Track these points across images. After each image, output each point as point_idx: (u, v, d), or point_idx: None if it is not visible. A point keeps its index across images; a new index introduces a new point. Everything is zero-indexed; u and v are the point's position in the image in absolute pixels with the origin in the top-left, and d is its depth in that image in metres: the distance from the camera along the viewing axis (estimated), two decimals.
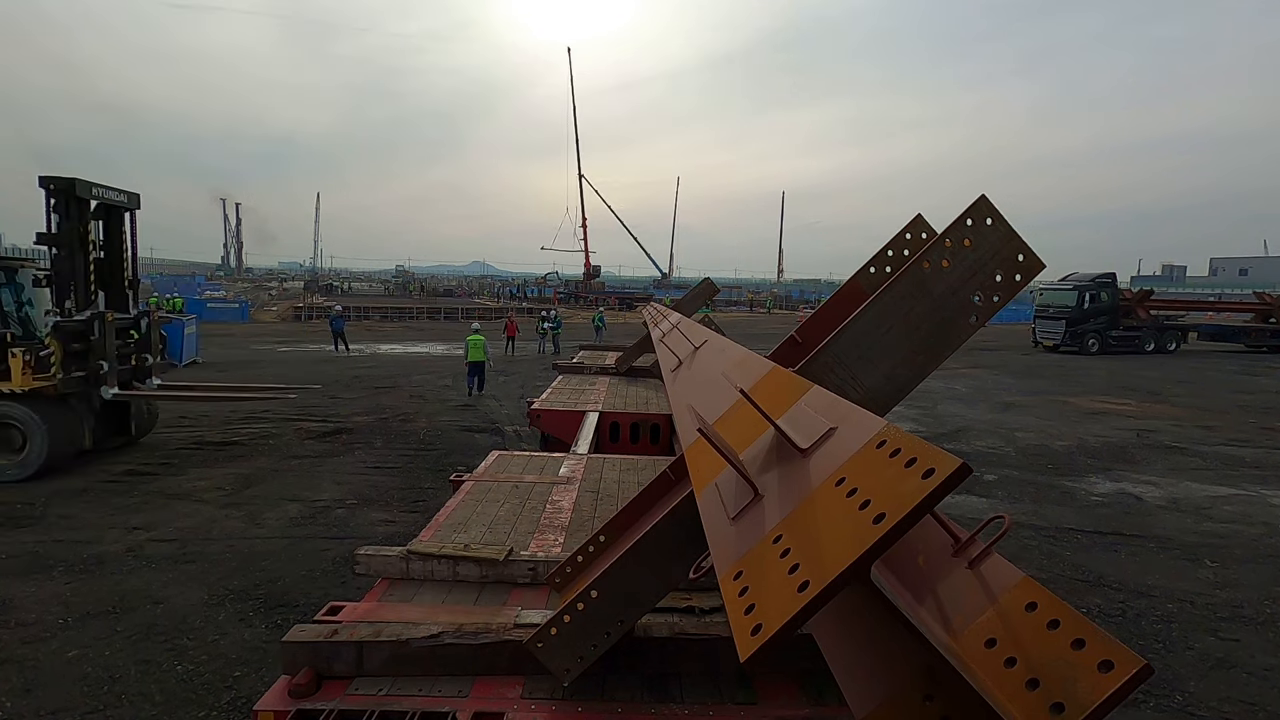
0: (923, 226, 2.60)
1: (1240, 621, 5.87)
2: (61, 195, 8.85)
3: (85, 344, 9.21)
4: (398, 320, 42.88)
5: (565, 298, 62.33)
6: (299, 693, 2.32)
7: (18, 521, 7.53)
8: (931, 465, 1.11)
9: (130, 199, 9.91)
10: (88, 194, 9.05)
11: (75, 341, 9.08)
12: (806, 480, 1.41)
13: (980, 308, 2.00)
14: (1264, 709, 4.68)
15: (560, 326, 27.69)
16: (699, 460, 2.03)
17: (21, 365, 8.73)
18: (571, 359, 11.73)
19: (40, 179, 8.83)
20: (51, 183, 8.81)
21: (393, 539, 6.49)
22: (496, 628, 2.55)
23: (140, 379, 10.33)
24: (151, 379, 10.52)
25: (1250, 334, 31.61)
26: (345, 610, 2.75)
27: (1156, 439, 12.87)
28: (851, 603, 1.71)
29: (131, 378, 10.15)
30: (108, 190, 9.41)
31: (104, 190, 9.34)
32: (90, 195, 9.11)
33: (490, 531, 3.61)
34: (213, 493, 8.58)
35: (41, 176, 8.82)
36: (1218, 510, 8.84)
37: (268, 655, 4.96)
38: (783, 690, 2.39)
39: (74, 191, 8.85)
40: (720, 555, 1.47)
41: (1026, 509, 8.69)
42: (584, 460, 5.23)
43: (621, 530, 2.92)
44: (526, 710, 2.28)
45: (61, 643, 5.12)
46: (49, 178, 8.82)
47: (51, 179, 8.82)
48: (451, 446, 11.25)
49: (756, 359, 2.63)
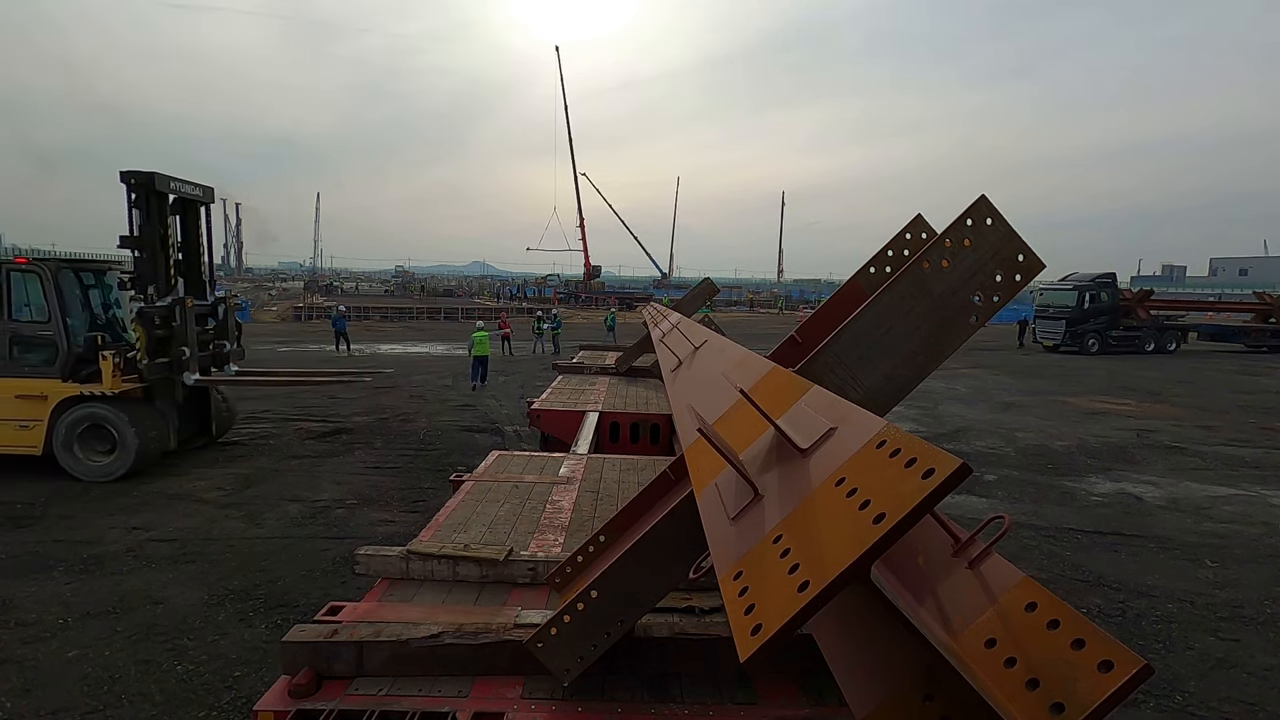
0: (923, 226, 2.60)
1: (1240, 621, 5.87)
2: (141, 189, 8.99)
3: (168, 330, 9.30)
4: (398, 320, 42.89)
5: (565, 298, 62.32)
6: (299, 693, 2.32)
7: (18, 521, 7.53)
8: (931, 465, 1.11)
9: (205, 193, 10.07)
10: (165, 188, 9.21)
11: (158, 328, 9.18)
12: (806, 480, 1.41)
13: (980, 308, 2.00)
14: (1264, 709, 4.68)
15: (560, 326, 27.67)
16: (699, 460, 2.03)
17: (111, 367, 8.83)
18: (571, 359, 11.73)
19: (121, 174, 8.97)
20: (132, 177, 8.95)
21: (393, 539, 6.49)
22: (496, 628, 2.55)
23: (219, 365, 10.41)
24: (229, 365, 10.60)
25: (1250, 334, 31.59)
26: (345, 610, 2.75)
27: (1156, 439, 12.87)
28: (851, 603, 1.71)
29: (210, 364, 10.23)
30: (184, 184, 9.57)
31: (180, 184, 9.50)
32: (168, 189, 9.26)
33: (490, 531, 3.61)
34: (213, 493, 8.58)
35: (122, 171, 8.97)
36: (1218, 510, 8.84)
37: (268, 655, 4.96)
38: (783, 690, 2.39)
39: (153, 186, 9.00)
40: (720, 555, 1.47)
41: (1026, 509, 8.69)
42: (584, 460, 5.23)
43: (621, 530, 2.92)
44: (526, 710, 2.28)
45: (61, 643, 5.12)
46: (129, 172, 8.96)
47: (132, 173, 8.96)
48: (451, 446, 11.25)
49: (756, 359, 2.63)
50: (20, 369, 9.01)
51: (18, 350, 9.02)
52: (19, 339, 9.04)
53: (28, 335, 9.04)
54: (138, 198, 9.01)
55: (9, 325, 9.00)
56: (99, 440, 8.92)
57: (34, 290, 9.06)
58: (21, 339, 9.04)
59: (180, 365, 9.43)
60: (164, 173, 9.21)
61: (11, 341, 9.01)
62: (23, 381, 8.97)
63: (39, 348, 9.03)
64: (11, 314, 9.02)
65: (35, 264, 9.10)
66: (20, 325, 9.04)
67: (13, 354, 9.01)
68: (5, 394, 8.96)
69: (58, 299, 8.96)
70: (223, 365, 10.50)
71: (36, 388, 8.94)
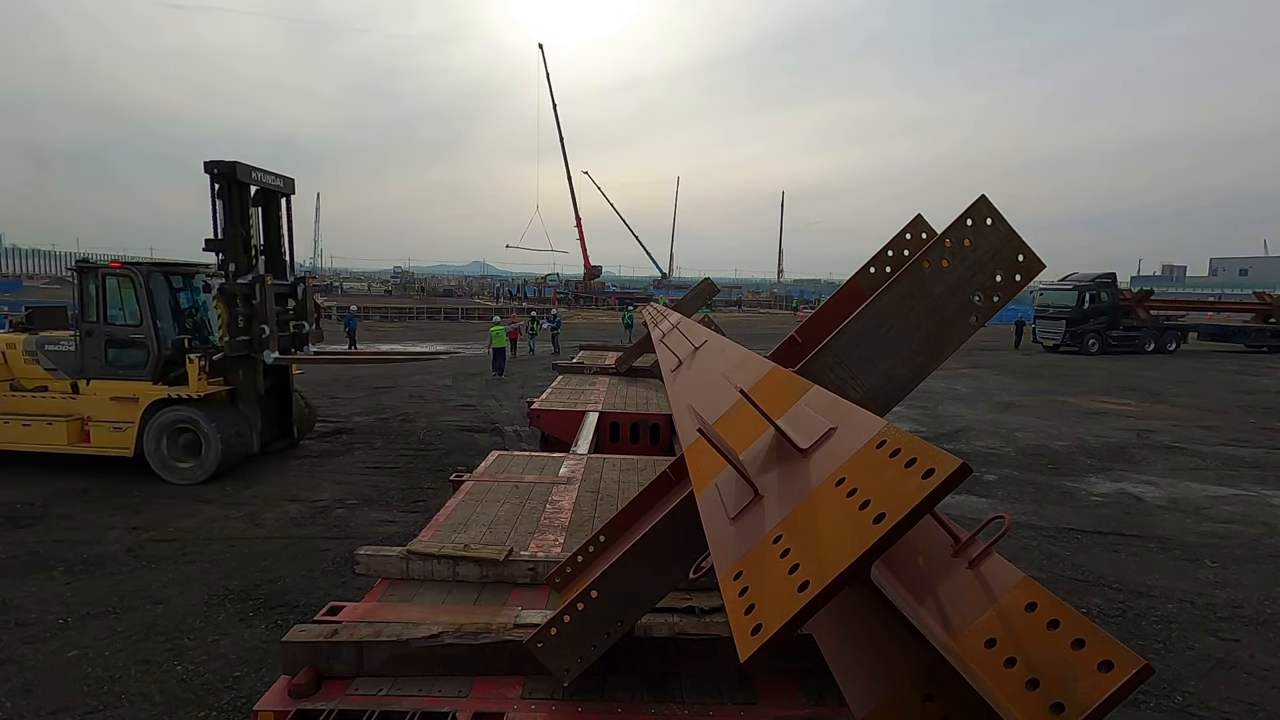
0: (923, 227, 2.60)
1: (1240, 621, 5.87)
2: (224, 179, 9.06)
3: (248, 308, 9.32)
4: (398, 320, 42.87)
5: (565, 298, 62.30)
6: (299, 693, 2.32)
7: (18, 521, 7.53)
8: (931, 465, 1.11)
9: (285, 184, 10.13)
10: (247, 178, 9.28)
11: (239, 306, 9.22)
12: (806, 480, 1.41)
13: (980, 308, 2.00)
14: (1264, 709, 4.68)
15: (560, 326, 27.64)
16: (699, 460, 2.03)
17: (198, 370, 8.91)
18: (571, 359, 11.73)
19: (205, 164, 9.04)
20: (215, 167, 9.03)
21: (393, 539, 6.49)
22: (496, 628, 2.55)
23: (298, 346, 10.44)
24: (308, 346, 10.63)
25: (1250, 334, 31.57)
26: (345, 610, 2.75)
27: (1156, 439, 12.87)
28: (851, 603, 1.71)
29: (290, 345, 10.26)
30: (265, 175, 9.64)
31: (262, 175, 9.56)
32: (249, 180, 9.34)
33: (490, 531, 3.61)
34: (213, 493, 8.58)
35: (206, 162, 9.04)
36: (1218, 510, 8.84)
37: (268, 655, 4.96)
38: (783, 690, 2.39)
39: (235, 175, 9.08)
40: (720, 555, 1.47)
41: (1026, 509, 8.69)
42: (584, 460, 5.23)
43: (621, 530, 2.92)
44: (526, 710, 2.28)
45: (61, 643, 5.12)
46: (212, 162, 9.03)
47: (215, 164, 9.03)
48: (451, 446, 11.25)
49: (756, 359, 2.63)
50: (114, 371, 9.15)
51: (112, 353, 9.17)
52: (113, 342, 9.17)
53: (121, 338, 9.17)
54: (220, 188, 9.07)
55: (105, 328, 9.15)
56: (186, 443, 9.00)
57: (127, 294, 9.19)
58: (115, 342, 9.17)
59: (260, 343, 9.43)
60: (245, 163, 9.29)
61: (107, 344, 9.15)
62: (117, 384, 9.11)
63: (131, 350, 9.16)
64: (107, 317, 9.16)
65: (128, 268, 9.22)
66: (114, 328, 9.18)
67: (108, 357, 9.16)
68: (101, 395, 9.12)
69: (149, 302, 9.08)
70: (302, 346, 10.52)
71: (128, 390, 9.06)
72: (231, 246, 9.17)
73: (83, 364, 9.20)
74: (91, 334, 9.16)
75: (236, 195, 9.19)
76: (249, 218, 9.45)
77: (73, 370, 9.27)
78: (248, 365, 9.50)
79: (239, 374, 9.43)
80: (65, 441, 9.08)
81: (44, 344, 9.44)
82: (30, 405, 9.29)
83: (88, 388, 9.20)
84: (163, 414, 8.93)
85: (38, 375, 9.43)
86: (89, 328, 9.16)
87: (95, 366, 9.17)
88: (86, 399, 9.19)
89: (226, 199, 9.11)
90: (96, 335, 9.15)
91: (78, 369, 9.23)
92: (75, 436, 9.15)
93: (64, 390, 9.32)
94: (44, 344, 9.44)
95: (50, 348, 9.40)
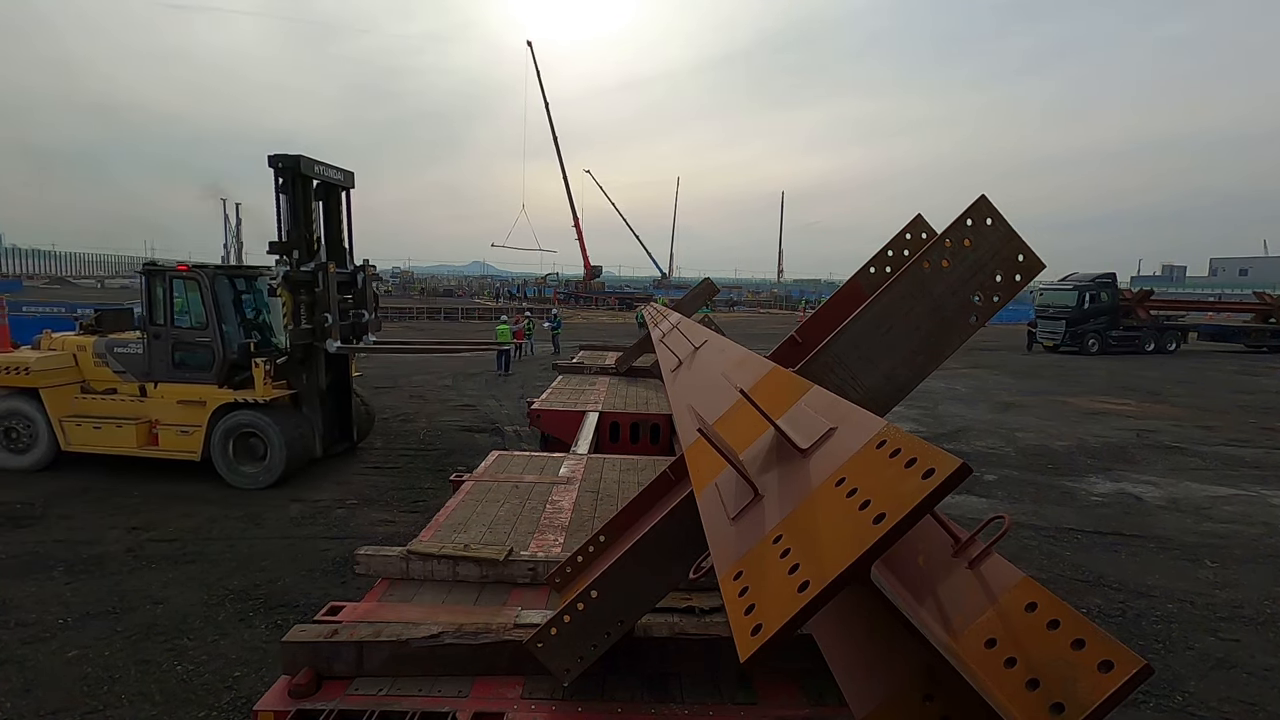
0: (923, 227, 2.60)
1: (1240, 621, 5.87)
2: (288, 173, 9.09)
3: (310, 296, 9.31)
4: (398, 320, 42.86)
5: (565, 298, 62.27)
6: (299, 693, 2.32)
7: (18, 521, 7.53)
8: (931, 465, 1.11)
9: (346, 178, 10.13)
10: (310, 171, 9.31)
11: (302, 293, 9.21)
12: (806, 480, 1.41)
13: (980, 308, 2.00)
14: (1264, 709, 4.68)
15: (560, 326, 27.61)
16: (699, 460, 2.03)
17: (263, 374, 8.89)
18: (571, 359, 11.73)
19: (269, 158, 9.07)
20: (280, 161, 9.05)
21: (393, 539, 6.49)
22: (496, 628, 2.55)
23: (357, 335, 10.38)
24: (367, 335, 10.57)
25: (1250, 334, 31.57)
26: (345, 610, 2.75)
27: (1156, 439, 12.87)
28: (851, 603, 1.71)
29: (350, 334, 10.22)
30: (327, 169, 9.66)
31: (324, 169, 9.59)
32: (312, 174, 9.37)
33: (490, 531, 3.61)
34: (213, 493, 8.58)
35: (270, 156, 9.07)
36: (1218, 510, 8.84)
37: (268, 655, 4.96)
38: (783, 690, 2.39)
39: (299, 169, 9.10)
40: (720, 555, 1.47)
41: (1026, 509, 8.69)
42: (584, 460, 5.23)
43: (621, 530, 2.92)
44: (526, 710, 2.28)
45: (61, 643, 5.12)
46: (277, 156, 9.05)
47: (280, 157, 9.04)
48: (451, 446, 11.25)
49: (756, 359, 2.63)
50: (180, 374, 9.14)
51: (178, 355, 9.17)
52: (179, 344, 9.17)
53: (187, 341, 9.16)
54: (284, 181, 9.09)
55: (172, 332, 9.15)
56: (251, 447, 8.96)
57: (192, 297, 9.19)
58: (181, 344, 9.17)
59: (323, 333, 9.41)
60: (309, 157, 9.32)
61: (173, 348, 9.15)
62: (183, 387, 9.10)
63: (197, 353, 9.15)
64: (174, 321, 9.17)
65: (195, 271, 9.21)
66: (181, 331, 9.17)
67: (174, 359, 9.16)
68: (168, 399, 9.11)
69: (214, 305, 9.08)
70: (361, 335, 10.45)
71: (195, 393, 9.04)
72: (299, 237, 9.17)
73: (150, 367, 9.19)
74: (159, 337, 9.15)
75: (299, 188, 9.20)
76: (311, 210, 9.46)
77: (140, 373, 9.25)
78: (311, 367, 9.45)
79: (302, 377, 9.37)
80: (134, 444, 9.07)
81: (113, 346, 9.42)
82: (100, 407, 9.29)
83: (155, 390, 9.18)
84: (229, 418, 8.90)
85: (107, 377, 9.41)
86: (156, 330, 9.15)
87: (162, 369, 9.16)
88: (154, 402, 9.18)
89: (290, 192, 9.11)
90: (163, 338, 9.15)
91: (145, 372, 9.22)
92: (144, 439, 9.14)
93: (132, 393, 9.29)
94: (113, 346, 9.42)
95: (119, 350, 9.39)
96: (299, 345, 9.22)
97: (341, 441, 10.36)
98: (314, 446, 9.42)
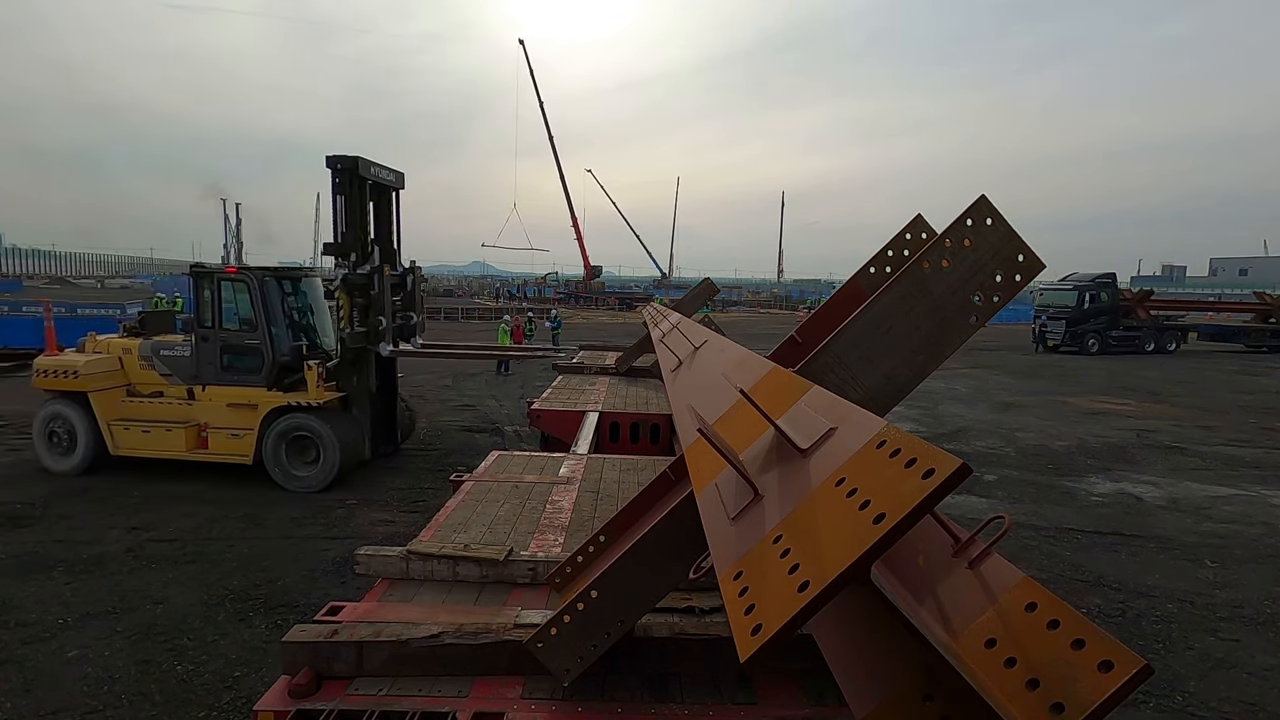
0: (923, 227, 2.60)
1: (1240, 621, 5.87)
2: (345, 174, 9.10)
3: (366, 299, 9.29)
4: None
5: (565, 298, 62.25)
6: (299, 693, 2.32)
7: (18, 521, 7.53)
8: (931, 465, 1.11)
9: (397, 178, 10.14)
10: (366, 173, 9.33)
11: (358, 295, 9.18)
12: (806, 480, 1.41)
13: (980, 308, 2.00)
14: (1264, 709, 4.68)
15: (560, 326, 27.60)
16: (699, 460, 2.03)
17: (316, 377, 8.85)
18: (571, 359, 11.73)
19: (328, 159, 9.10)
20: (338, 162, 9.07)
21: (393, 539, 6.49)
22: (496, 628, 2.55)
23: (405, 338, 10.34)
24: (415, 338, 10.53)
25: (1250, 334, 31.58)
26: (345, 610, 2.75)
27: (1156, 439, 12.87)
28: (851, 603, 1.71)
29: (399, 336, 10.20)
30: (381, 170, 9.68)
31: (378, 170, 9.60)
32: (368, 175, 9.38)
33: (490, 531, 3.61)
34: (213, 493, 8.58)
35: (328, 157, 9.09)
36: (1218, 510, 8.84)
37: (268, 655, 4.96)
38: (783, 690, 2.39)
39: (356, 170, 9.11)
40: (720, 555, 1.47)
41: (1026, 509, 8.69)
42: (584, 460, 5.23)
43: (621, 530, 2.92)
44: (526, 710, 2.28)
45: (61, 643, 5.12)
46: (335, 157, 9.07)
47: (338, 158, 9.06)
48: (451, 446, 11.25)
49: (756, 359, 2.63)
50: (229, 377, 9.07)
51: (227, 358, 9.10)
52: (228, 347, 9.10)
53: (236, 344, 9.10)
54: (341, 181, 9.10)
55: (220, 334, 9.08)
56: (302, 450, 8.91)
57: (241, 299, 9.13)
58: (230, 347, 9.10)
59: (376, 335, 9.38)
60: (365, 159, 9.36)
61: (222, 350, 9.08)
62: (233, 390, 9.03)
63: (246, 356, 9.09)
64: (222, 323, 9.10)
65: (244, 273, 9.18)
66: (230, 334, 9.10)
67: (223, 362, 9.09)
68: (217, 402, 9.04)
69: (264, 307, 9.03)
70: (409, 338, 10.41)
71: (246, 396, 8.98)
72: (355, 239, 9.17)
73: (198, 369, 9.12)
74: (207, 339, 9.08)
75: (355, 190, 9.19)
76: (366, 212, 9.46)
77: (188, 376, 9.17)
78: (361, 370, 9.42)
79: (353, 379, 9.34)
80: (184, 448, 9.01)
81: (159, 349, 9.33)
82: (148, 411, 9.20)
83: (203, 394, 9.11)
84: (281, 421, 8.83)
85: (153, 380, 9.32)
86: (204, 333, 9.08)
87: (211, 372, 9.09)
88: (202, 405, 9.11)
89: (346, 194, 9.11)
90: (212, 341, 9.08)
91: (193, 374, 9.15)
92: (193, 443, 9.08)
93: (180, 396, 9.21)
94: (159, 349, 9.33)
95: (165, 353, 9.30)
96: (351, 348, 9.17)
97: (387, 443, 10.27)
98: (364, 449, 9.36)
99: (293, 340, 9.32)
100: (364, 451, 9.39)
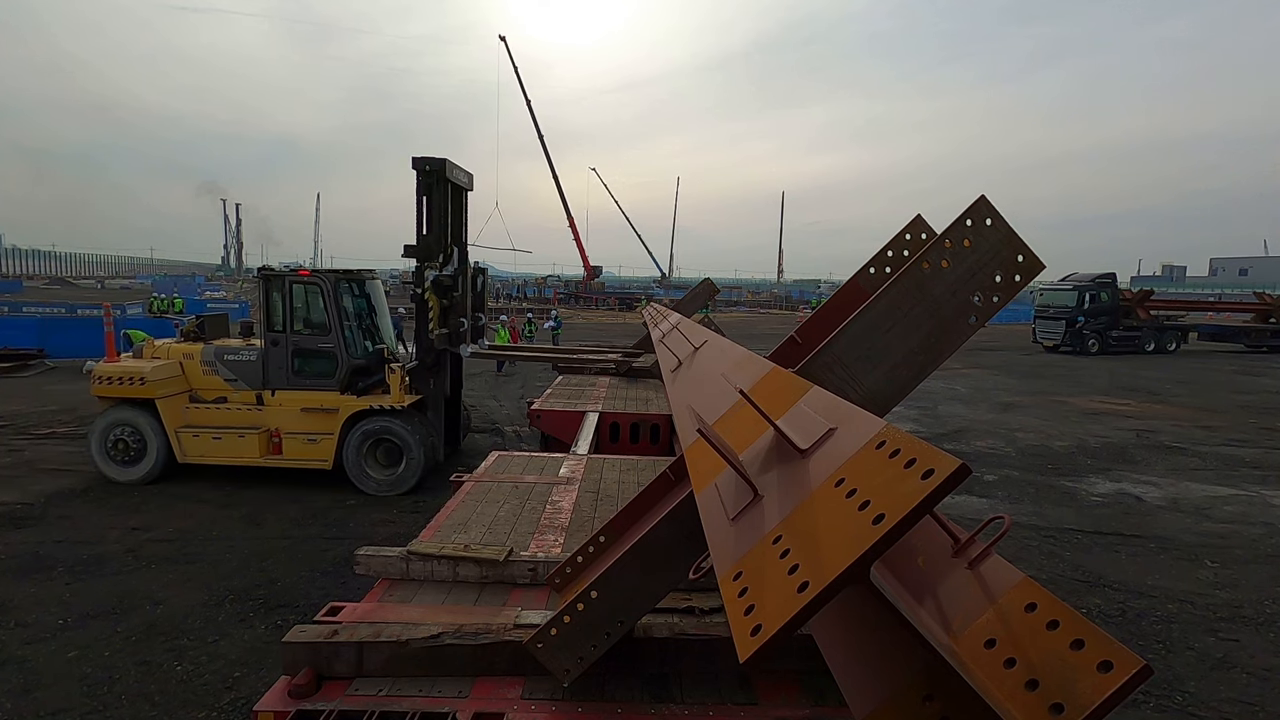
0: (922, 227, 2.61)
1: (1240, 622, 5.87)
2: (431, 176, 9.03)
3: (450, 300, 9.20)
4: None
5: (565, 298, 62.25)
6: (299, 693, 2.32)
7: (18, 521, 7.53)
8: (931, 466, 1.11)
9: (469, 180, 10.11)
10: (451, 175, 9.31)
11: (445, 297, 9.10)
12: (806, 481, 1.41)
13: (980, 308, 2.00)
14: (1264, 709, 4.68)
15: (561, 327, 27.60)
16: (699, 461, 2.03)
17: (399, 381, 8.77)
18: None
19: (414, 161, 9.03)
20: (426, 164, 9.00)
21: (393, 539, 6.49)
22: (496, 628, 2.55)
23: (474, 339, 10.25)
24: (482, 340, 10.49)
25: (1250, 334, 31.57)
26: (345, 610, 2.76)
27: (1156, 439, 12.87)
28: (851, 603, 1.71)
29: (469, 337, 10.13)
30: (459, 171, 9.67)
31: (457, 172, 9.57)
32: (451, 177, 9.34)
33: (490, 532, 3.61)
34: (213, 493, 8.58)
35: (415, 159, 9.02)
36: (1218, 510, 8.84)
37: (268, 655, 4.96)
38: (783, 690, 2.39)
39: (443, 172, 9.07)
40: (720, 555, 1.47)
41: (1026, 509, 8.69)
42: (584, 460, 5.24)
43: (621, 530, 2.92)
44: (526, 710, 2.28)
45: (61, 643, 5.12)
46: (422, 159, 8.99)
47: (426, 160, 8.99)
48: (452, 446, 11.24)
49: (756, 359, 2.63)
50: (301, 382, 8.93)
51: (298, 362, 8.96)
52: (300, 351, 8.96)
53: (309, 348, 8.96)
54: (427, 183, 9.03)
55: (292, 338, 8.94)
56: (382, 454, 8.82)
57: (314, 302, 9.03)
58: (302, 351, 8.96)
59: (458, 338, 9.30)
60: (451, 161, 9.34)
61: (293, 354, 8.94)
62: (306, 394, 8.89)
63: (319, 360, 8.96)
64: (294, 327, 8.98)
65: (316, 276, 9.05)
66: (302, 337, 8.96)
67: (294, 367, 8.95)
68: (289, 407, 8.86)
69: (337, 311, 8.91)
70: (477, 339, 10.33)
71: (322, 400, 8.85)
72: (439, 241, 9.11)
73: (267, 374, 8.95)
74: (277, 344, 8.90)
75: (439, 192, 9.11)
76: (447, 214, 9.38)
77: (255, 381, 8.97)
78: (437, 372, 9.31)
79: (429, 382, 9.21)
80: (257, 454, 8.81)
81: (223, 354, 9.05)
82: (215, 417, 8.97)
83: (273, 399, 8.90)
84: (363, 425, 8.72)
85: (217, 386, 9.06)
86: (274, 337, 8.90)
87: (280, 377, 8.89)
88: (273, 410, 8.90)
89: (429, 195, 9.03)
90: (282, 345, 8.90)
91: (261, 379, 8.96)
92: (265, 449, 8.87)
93: (247, 402, 8.96)
94: (223, 354, 9.05)
95: (230, 358, 9.06)
96: (432, 350, 9.10)
97: (449, 444, 10.16)
98: (439, 450, 9.24)
99: (364, 342, 9.24)
100: (439, 453, 9.23)
